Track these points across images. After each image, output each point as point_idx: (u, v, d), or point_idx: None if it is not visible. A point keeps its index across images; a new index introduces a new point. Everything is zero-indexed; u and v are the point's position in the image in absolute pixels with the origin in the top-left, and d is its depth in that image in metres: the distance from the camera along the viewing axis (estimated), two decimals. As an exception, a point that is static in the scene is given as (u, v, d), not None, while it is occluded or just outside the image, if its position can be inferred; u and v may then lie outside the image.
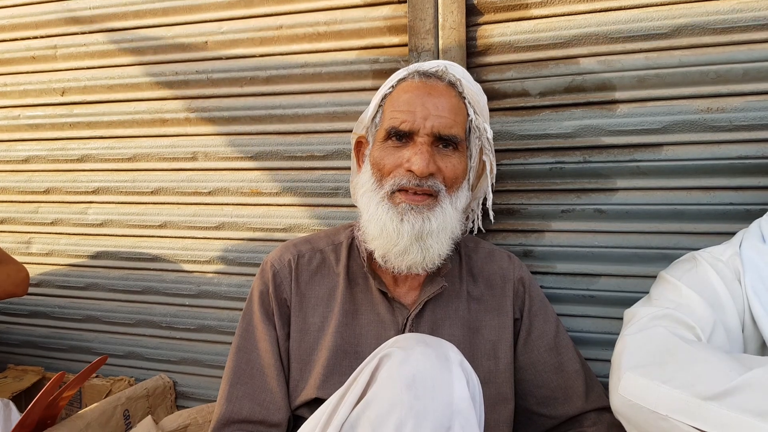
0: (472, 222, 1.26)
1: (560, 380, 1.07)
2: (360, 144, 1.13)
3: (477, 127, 1.07)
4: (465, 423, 0.75)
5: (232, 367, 1.05)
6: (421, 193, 0.98)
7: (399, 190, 0.98)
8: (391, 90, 1.06)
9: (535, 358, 1.08)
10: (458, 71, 1.09)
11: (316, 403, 0.99)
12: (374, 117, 1.08)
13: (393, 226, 0.96)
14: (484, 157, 1.11)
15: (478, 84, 1.16)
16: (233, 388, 1.03)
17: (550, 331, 1.10)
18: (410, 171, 0.97)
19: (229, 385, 1.03)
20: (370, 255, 1.04)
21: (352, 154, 1.16)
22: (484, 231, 1.33)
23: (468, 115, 1.06)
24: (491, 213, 1.22)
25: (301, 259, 1.10)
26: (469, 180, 1.10)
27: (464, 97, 1.05)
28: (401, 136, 1.00)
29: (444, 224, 0.98)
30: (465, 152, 1.05)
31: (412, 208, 0.96)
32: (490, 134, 1.08)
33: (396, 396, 0.75)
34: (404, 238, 0.96)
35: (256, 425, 1.00)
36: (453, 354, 0.81)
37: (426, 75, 1.04)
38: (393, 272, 1.01)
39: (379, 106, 1.08)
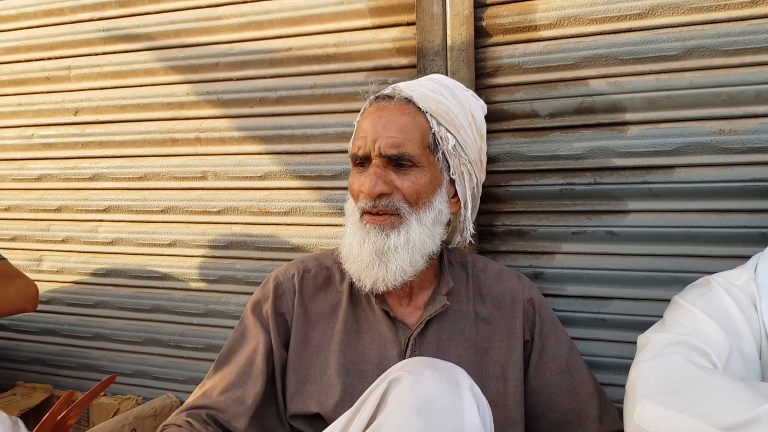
0: (461, 233, 1.15)
1: (574, 403, 1.05)
2: None
3: (441, 137, 1.02)
4: None
5: (216, 364, 1.08)
6: (382, 212, 1.00)
7: (365, 213, 1.01)
8: (360, 117, 1.09)
9: (547, 380, 1.06)
10: (426, 85, 1.06)
11: (316, 418, 1.00)
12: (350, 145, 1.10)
13: (357, 245, 1.00)
14: (462, 167, 1.06)
15: (468, 91, 1.12)
16: (210, 379, 1.06)
17: (562, 352, 1.08)
18: (363, 192, 1.00)
19: (208, 376, 1.07)
20: None
21: None
22: (474, 243, 1.28)
23: (431, 127, 1.02)
24: (470, 226, 1.12)
25: (307, 274, 1.11)
26: (454, 191, 1.06)
27: (423, 111, 1.02)
28: (361, 162, 1.03)
29: (407, 240, 0.99)
30: (430, 165, 1.02)
31: (375, 227, 0.99)
32: (451, 143, 1.03)
33: (406, 421, 0.74)
34: (364, 255, 0.99)
35: (204, 409, 1.02)
36: (463, 378, 0.80)
37: (381, 98, 1.06)
38: (374, 293, 1.02)
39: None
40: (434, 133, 1.02)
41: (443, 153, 1.03)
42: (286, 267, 1.14)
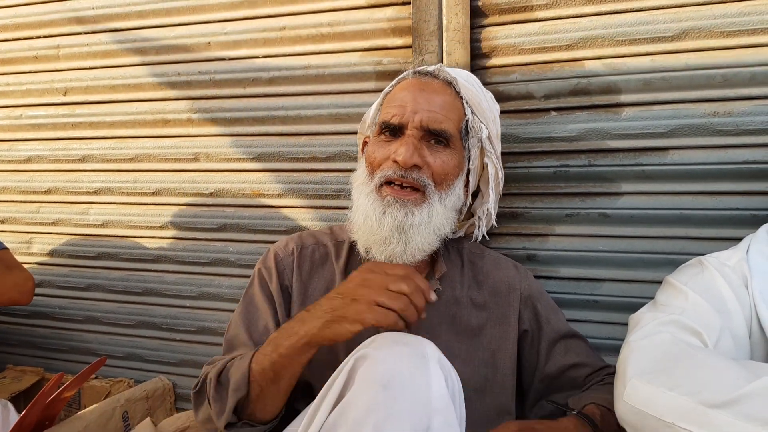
0: (477, 227, 1.20)
1: (584, 372, 1.08)
2: (366, 144, 1.14)
3: (473, 126, 1.06)
4: (444, 421, 0.74)
5: (240, 316, 1.06)
6: (407, 185, 0.98)
7: (386, 183, 0.99)
8: (391, 89, 1.09)
9: (561, 363, 1.07)
10: (462, 74, 1.10)
11: (308, 387, 1.00)
12: (375, 116, 1.11)
13: (375, 216, 0.98)
14: (486, 159, 1.10)
15: (488, 92, 1.16)
16: (239, 331, 1.05)
17: (566, 334, 1.10)
18: (396, 162, 0.98)
19: (236, 328, 1.06)
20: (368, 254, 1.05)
21: (359, 154, 1.17)
22: (488, 238, 1.31)
23: (465, 114, 1.05)
24: (494, 218, 1.18)
25: (305, 250, 1.11)
26: (467, 181, 1.09)
27: (461, 96, 1.05)
28: (393, 130, 1.01)
29: (429, 219, 0.98)
30: (459, 150, 1.04)
31: (397, 201, 0.97)
32: (485, 133, 1.07)
33: (372, 398, 0.73)
34: (384, 228, 0.97)
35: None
36: (430, 351, 0.80)
37: (422, 73, 1.07)
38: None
39: (380, 105, 1.10)
40: (467, 121, 1.05)
41: (473, 141, 1.06)
42: (285, 241, 1.13)
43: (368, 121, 1.14)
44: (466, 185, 1.10)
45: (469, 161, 1.08)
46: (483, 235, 1.21)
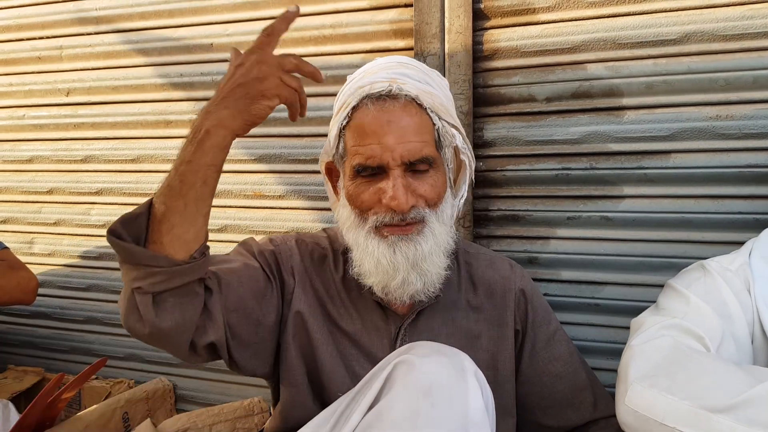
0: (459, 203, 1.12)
1: (568, 391, 1.05)
2: (330, 170, 1.08)
3: (445, 134, 0.99)
4: None
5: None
6: (407, 224, 0.94)
7: (385, 226, 0.94)
8: (347, 120, 0.97)
9: (541, 369, 1.06)
10: (411, 73, 1.00)
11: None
12: (337, 146, 1.00)
13: (387, 260, 0.93)
14: (462, 157, 1.04)
15: (434, 71, 1.06)
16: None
17: (555, 341, 1.08)
18: (390, 208, 0.92)
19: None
20: None
21: (324, 179, 1.10)
22: (469, 227, 1.29)
23: (434, 124, 0.98)
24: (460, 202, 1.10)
25: (304, 246, 1.07)
26: (451, 186, 1.04)
27: (425, 107, 0.97)
28: (372, 172, 0.95)
29: (436, 243, 0.95)
30: (441, 163, 0.99)
31: (402, 239, 0.93)
32: (459, 139, 1.01)
33: (412, 404, 0.74)
34: (400, 269, 0.93)
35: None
36: (468, 364, 0.80)
37: (379, 99, 0.94)
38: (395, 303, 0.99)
39: (340, 137, 0.99)
40: (437, 129, 0.98)
41: (447, 150, 1.00)
42: (283, 236, 1.09)
43: (329, 151, 1.04)
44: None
45: (447, 164, 1.02)
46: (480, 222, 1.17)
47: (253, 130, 1.55)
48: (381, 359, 0.85)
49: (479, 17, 1.33)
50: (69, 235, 1.77)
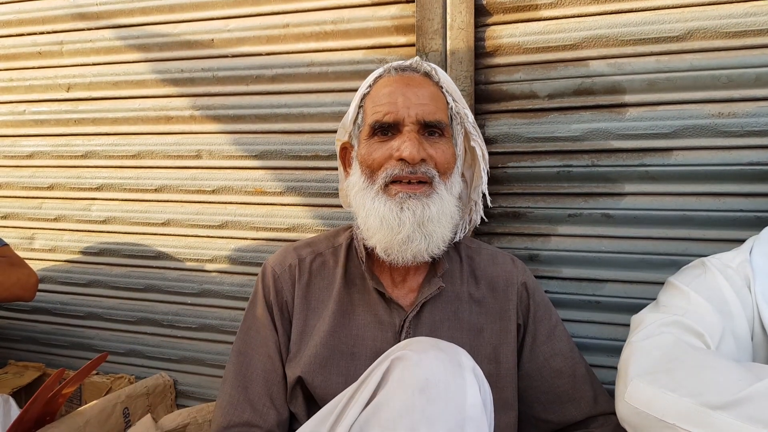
0: (475, 212, 1.20)
1: (567, 386, 1.06)
2: (345, 150, 1.12)
3: (458, 113, 1.06)
4: (477, 429, 0.75)
5: (233, 371, 1.05)
6: (416, 181, 0.97)
7: (393, 182, 0.98)
8: (369, 89, 1.06)
9: (541, 364, 1.06)
10: (432, 65, 1.10)
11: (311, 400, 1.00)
12: (355, 119, 1.07)
13: (393, 215, 0.95)
14: (473, 143, 1.10)
15: (440, 69, 1.14)
16: (234, 392, 1.02)
17: (555, 336, 1.08)
18: (401, 159, 0.96)
19: (231, 388, 1.03)
20: (369, 255, 1.04)
21: (338, 161, 1.15)
22: (486, 220, 1.31)
23: (447, 102, 1.06)
24: (488, 198, 1.17)
25: (302, 264, 1.09)
26: (458, 168, 1.09)
27: (441, 86, 1.06)
28: (387, 129, 1.00)
29: (443, 210, 0.98)
30: (451, 139, 1.05)
31: (410, 197, 0.96)
32: (471, 119, 1.08)
33: (408, 400, 0.74)
34: (406, 225, 0.94)
35: (253, 428, 1.00)
36: (466, 360, 0.80)
37: (402, 69, 1.05)
38: (396, 265, 1.00)
39: (359, 107, 1.07)
40: (451, 109, 1.06)
41: (458, 129, 1.07)
42: (282, 256, 1.11)
43: (347, 125, 1.10)
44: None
45: (456, 147, 1.08)
46: (482, 218, 1.20)
47: (254, 126, 1.58)
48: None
49: (481, 13, 1.33)
50: (70, 230, 1.77)
